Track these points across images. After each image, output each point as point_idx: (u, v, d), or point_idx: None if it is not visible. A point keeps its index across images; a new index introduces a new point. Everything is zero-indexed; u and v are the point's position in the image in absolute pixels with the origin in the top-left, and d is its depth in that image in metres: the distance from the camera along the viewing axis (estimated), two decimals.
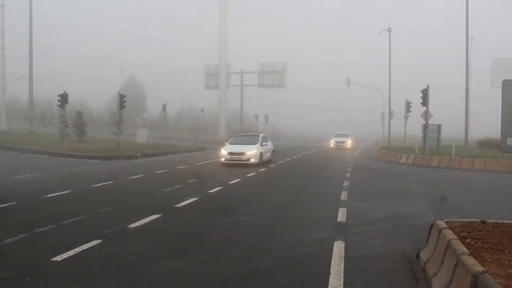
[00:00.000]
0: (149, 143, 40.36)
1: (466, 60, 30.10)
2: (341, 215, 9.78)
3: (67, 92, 30.13)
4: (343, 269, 5.92)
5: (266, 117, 69.35)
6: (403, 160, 29.85)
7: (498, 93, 7.94)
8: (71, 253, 6.43)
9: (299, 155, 34.12)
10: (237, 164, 21.97)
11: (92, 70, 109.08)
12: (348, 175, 18.94)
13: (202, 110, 51.33)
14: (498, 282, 3.94)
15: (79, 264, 6.06)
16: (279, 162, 25.41)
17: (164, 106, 44.46)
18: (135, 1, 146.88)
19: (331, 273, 5.74)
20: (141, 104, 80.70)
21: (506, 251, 5.36)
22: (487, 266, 4.50)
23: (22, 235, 7.51)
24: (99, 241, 7.13)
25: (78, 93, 64.10)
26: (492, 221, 6.73)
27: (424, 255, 6.15)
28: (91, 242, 7.00)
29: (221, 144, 27.21)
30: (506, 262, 4.88)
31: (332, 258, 6.40)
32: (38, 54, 49.10)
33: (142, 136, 43.01)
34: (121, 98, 30.25)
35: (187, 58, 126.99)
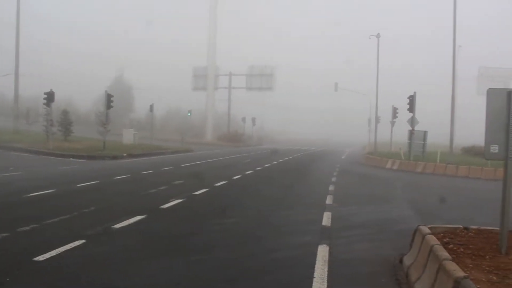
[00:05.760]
0: (135, 144, 40.07)
1: (452, 67, 30.54)
2: (326, 219, 9.82)
3: (53, 90, 29.87)
4: (326, 273, 5.94)
5: (253, 120, 69.50)
6: (388, 165, 30.05)
7: (484, 101, 8.01)
8: (54, 253, 6.35)
9: (285, 159, 34.17)
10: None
11: (80, 69, 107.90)
12: (333, 179, 19.03)
13: (189, 112, 51.25)
14: (478, 287, 4.00)
15: (62, 264, 6.00)
16: (266, 165, 25.43)
17: (151, 107, 44.25)
18: (125, 1, 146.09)
19: (314, 277, 5.76)
20: (129, 104, 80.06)
21: (487, 257, 5.44)
22: (468, 272, 4.57)
23: (4, 234, 7.40)
24: (83, 241, 7.06)
25: (66, 92, 63.37)
26: (474, 227, 6.82)
27: (407, 260, 6.21)
28: (75, 242, 6.91)
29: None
30: (487, 268, 4.96)
31: (316, 261, 6.42)
32: (25, 51, 48.57)
33: (128, 136, 42.70)
34: (108, 98, 30.05)
35: (175, 59, 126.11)
